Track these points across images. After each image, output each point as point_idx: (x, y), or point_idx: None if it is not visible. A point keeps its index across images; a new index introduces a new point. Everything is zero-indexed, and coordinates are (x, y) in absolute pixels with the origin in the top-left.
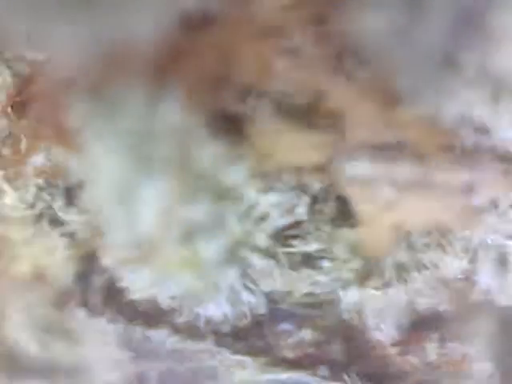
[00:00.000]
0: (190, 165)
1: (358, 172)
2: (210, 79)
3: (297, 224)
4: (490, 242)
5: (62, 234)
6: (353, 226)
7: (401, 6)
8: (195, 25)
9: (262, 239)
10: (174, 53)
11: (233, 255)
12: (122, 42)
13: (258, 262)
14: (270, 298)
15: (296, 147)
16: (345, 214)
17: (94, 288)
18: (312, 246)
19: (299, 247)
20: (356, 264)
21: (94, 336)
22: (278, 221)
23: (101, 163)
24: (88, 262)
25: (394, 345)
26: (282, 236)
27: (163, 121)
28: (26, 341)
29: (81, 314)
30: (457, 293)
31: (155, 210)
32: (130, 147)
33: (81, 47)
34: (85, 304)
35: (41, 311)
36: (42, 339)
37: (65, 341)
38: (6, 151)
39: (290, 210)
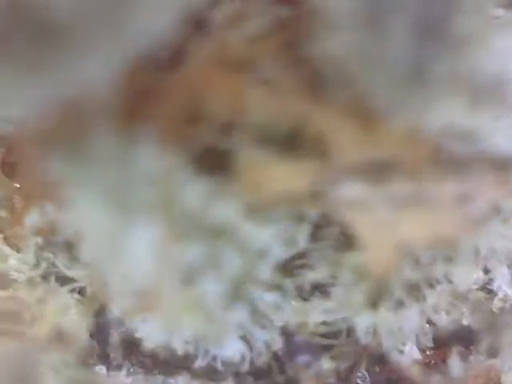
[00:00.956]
0: (176, 207)
1: (350, 194)
2: (184, 117)
3: (300, 254)
4: (498, 248)
5: (72, 291)
6: (356, 249)
7: (364, 27)
8: (162, 64)
9: (265, 273)
10: (143, 95)
11: (237, 292)
12: (83, 92)
13: (264, 296)
14: (285, 332)
15: (284, 176)
16: (346, 239)
17: (112, 342)
18: (318, 274)
19: (305, 276)
20: (364, 287)
21: None
22: (280, 252)
23: (87, 216)
24: (102, 316)
25: (417, 364)
26: (287, 267)
27: (140, 166)
28: None
29: (102, 369)
30: (476, 304)
31: (149, 257)
32: (111, 197)
33: (44, 105)
34: (105, 359)
35: (64, 371)
36: None
37: None
38: (3, 213)
39: (291, 241)
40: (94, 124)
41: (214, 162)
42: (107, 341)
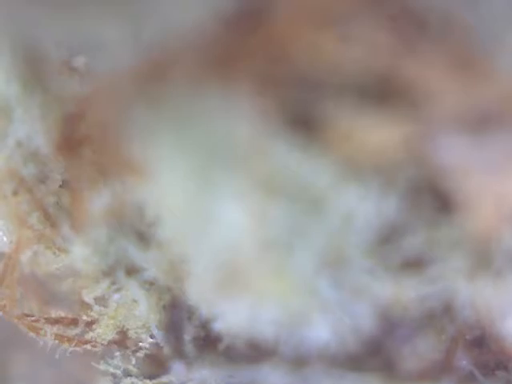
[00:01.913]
0: (267, 170)
1: (449, 152)
2: (273, 77)
3: (393, 222)
4: None
5: (143, 283)
6: (455, 215)
7: None
8: (245, 20)
9: (356, 240)
10: (229, 51)
11: (326, 262)
12: (169, 38)
13: (355, 271)
14: (378, 309)
15: (376, 129)
16: (444, 203)
17: (188, 337)
18: (413, 244)
19: (399, 246)
20: (462, 257)
21: None
22: (370, 216)
23: (171, 188)
24: (174, 309)
25: None
26: (379, 237)
27: (231, 128)
28: None
29: (178, 366)
30: None
31: (240, 225)
32: (202, 163)
33: (131, 51)
34: (180, 355)
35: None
36: None
37: None
38: (66, 200)
39: (382, 204)
40: (186, 79)
41: (304, 120)
42: (181, 336)
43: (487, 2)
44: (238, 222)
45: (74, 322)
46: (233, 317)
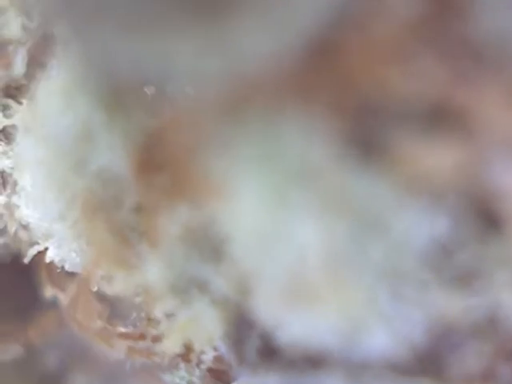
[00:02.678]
0: (348, 201)
1: (502, 177)
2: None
3: (443, 242)
4: None
5: (213, 298)
6: (504, 237)
7: None
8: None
9: (408, 262)
10: (305, 79)
11: (386, 278)
12: (251, 67)
13: (411, 283)
14: (430, 319)
15: (429, 154)
16: (493, 225)
17: (252, 348)
18: (463, 261)
19: (450, 264)
20: (507, 273)
21: None
22: (422, 238)
23: (247, 209)
24: (240, 322)
25: None
26: (433, 255)
27: (311, 153)
28: None
29: (242, 377)
30: None
31: (311, 247)
32: (279, 184)
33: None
34: (244, 366)
35: None
36: None
37: None
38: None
39: (434, 227)
40: (262, 104)
41: (370, 145)
42: (245, 347)
43: None
44: (308, 238)
45: (142, 337)
46: (296, 327)
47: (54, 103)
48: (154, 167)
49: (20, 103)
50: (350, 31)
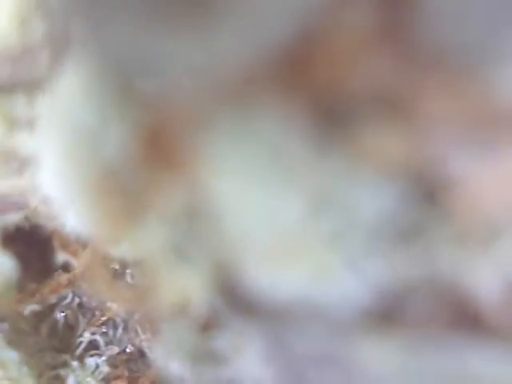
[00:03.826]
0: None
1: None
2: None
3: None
4: None
5: (205, 257)
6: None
7: None
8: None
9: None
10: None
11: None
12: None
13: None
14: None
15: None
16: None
17: (241, 307)
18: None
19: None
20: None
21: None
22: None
23: (238, 188)
24: (228, 282)
25: None
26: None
27: (288, 141)
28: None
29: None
30: None
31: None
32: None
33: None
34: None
35: (187, 337)
36: (192, 366)
37: (213, 364)
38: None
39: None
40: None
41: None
42: (232, 305)
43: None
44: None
45: (143, 292)
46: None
47: (73, 96)
48: (157, 153)
49: (42, 96)
50: (313, 41)
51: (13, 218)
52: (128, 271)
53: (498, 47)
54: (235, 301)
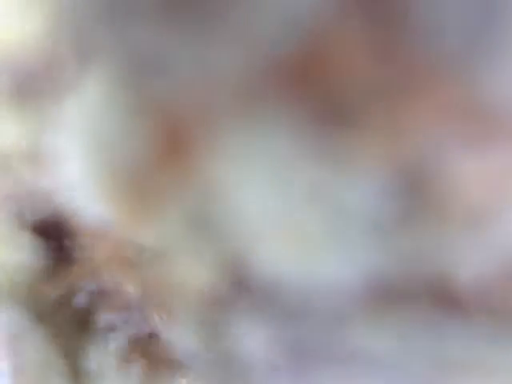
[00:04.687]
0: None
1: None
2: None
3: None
4: None
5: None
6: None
7: None
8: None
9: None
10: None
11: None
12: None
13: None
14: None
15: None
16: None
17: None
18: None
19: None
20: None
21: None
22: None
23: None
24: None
25: None
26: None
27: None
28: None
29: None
30: None
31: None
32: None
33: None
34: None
35: (201, 319)
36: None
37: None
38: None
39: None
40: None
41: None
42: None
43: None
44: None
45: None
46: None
47: (98, 102)
48: (172, 154)
49: (68, 100)
50: (313, 45)
51: (40, 212)
52: (145, 257)
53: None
54: (243, 286)
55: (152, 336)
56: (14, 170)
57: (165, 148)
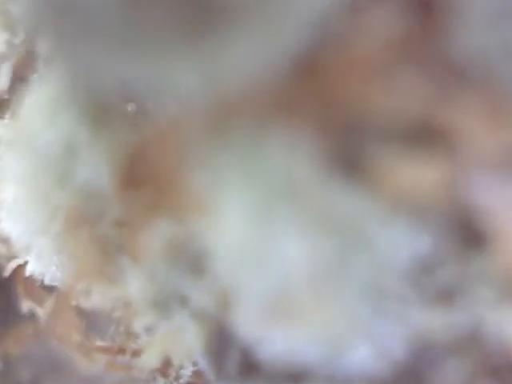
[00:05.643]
0: (331, 218)
1: (484, 194)
2: (329, 123)
3: (425, 258)
4: None
5: (193, 312)
6: (483, 249)
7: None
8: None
9: (391, 279)
10: (288, 96)
11: (368, 294)
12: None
13: (393, 299)
14: (411, 335)
15: (412, 172)
16: (476, 240)
17: (231, 363)
18: (444, 278)
19: (429, 283)
20: (490, 289)
21: None
22: (405, 255)
23: (231, 223)
24: (220, 337)
25: None
26: (411, 273)
27: (301, 172)
28: None
29: None
30: None
31: (297, 261)
32: (264, 200)
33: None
34: (223, 380)
35: None
36: None
37: None
38: (125, 235)
39: (416, 246)
40: (247, 119)
41: (354, 162)
42: (225, 362)
43: None
44: (292, 255)
45: (121, 351)
46: (278, 343)
47: (38, 118)
48: (137, 182)
49: (2, 118)
50: (332, 49)
51: None
52: (102, 323)
53: None
54: (225, 361)
55: None
56: None
57: (128, 174)
